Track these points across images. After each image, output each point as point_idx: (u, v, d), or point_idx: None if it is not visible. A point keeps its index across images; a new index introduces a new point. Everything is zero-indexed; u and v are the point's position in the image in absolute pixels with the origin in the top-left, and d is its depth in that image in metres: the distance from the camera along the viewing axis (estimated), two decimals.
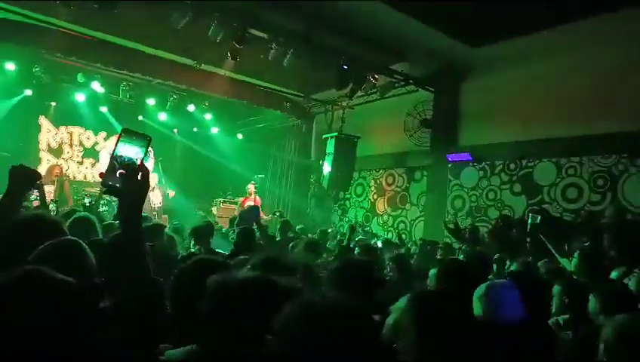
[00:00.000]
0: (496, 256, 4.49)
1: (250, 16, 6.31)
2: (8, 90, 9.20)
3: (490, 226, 7.37)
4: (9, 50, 7.72)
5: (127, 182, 1.33)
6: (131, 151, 1.34)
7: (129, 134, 1.36)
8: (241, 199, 10.16)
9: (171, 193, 11.14)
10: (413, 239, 8.72)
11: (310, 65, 7.74)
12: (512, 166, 7.61)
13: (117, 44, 7.60)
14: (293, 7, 6.32)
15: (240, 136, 12.22)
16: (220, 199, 11.15)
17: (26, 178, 2.21)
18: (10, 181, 2.10)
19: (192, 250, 4.25)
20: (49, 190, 7.48)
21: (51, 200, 6.29)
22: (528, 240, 5.22)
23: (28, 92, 9.40)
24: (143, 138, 1.37)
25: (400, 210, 9.44)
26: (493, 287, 2.29)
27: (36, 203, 5.01)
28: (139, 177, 1.36)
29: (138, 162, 1.34)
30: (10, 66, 8.23)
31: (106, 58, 7.76)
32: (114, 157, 1.31)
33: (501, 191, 7.71)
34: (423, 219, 8.89)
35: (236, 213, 9.64)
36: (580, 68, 6.61)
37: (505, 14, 6.20)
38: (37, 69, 8.37)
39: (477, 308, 2.24)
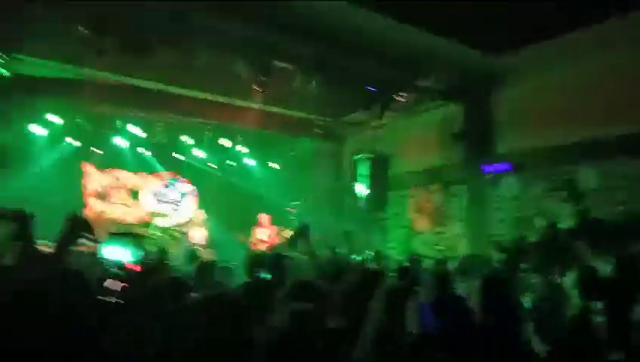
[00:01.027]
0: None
1: (272, 48, 6.47)
2: (54, 141, 9.75)
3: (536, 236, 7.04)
4: (52, 104, 8.24)
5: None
6: (119, 253, 1.37)
7: (115, 237, 1.39)
8: (253, 229, 10.22)
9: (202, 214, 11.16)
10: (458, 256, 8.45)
11: (336, 89, 7.83)
12: (552, 172, 7.30)
13: (150, 89, 7.96)
14: (312, 35, 6.41)
15: (275, 165, 12.39)
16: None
17: (81, 226, 2.30)
18: (66, 228, 2.16)
19: None
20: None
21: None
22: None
23: (71, 141, 9.93)
24: (129, 237, 1.40)
25: (441, 227, 9.20)
26: None
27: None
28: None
29: (126, 264, 1.37)
30: (54, 119, 8.76)
31: (141, 102, 8.14)
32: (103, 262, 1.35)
33: (544, 200, 7.39)
34: (466, 234, 8.62)
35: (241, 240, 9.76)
36: (610, 69, 6.36)
37: (526, 19, 6.07)
38: (79, 120, 8.86)
39: None
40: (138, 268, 2.32)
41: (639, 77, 6.14)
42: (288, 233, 10.19)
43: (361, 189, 9.07)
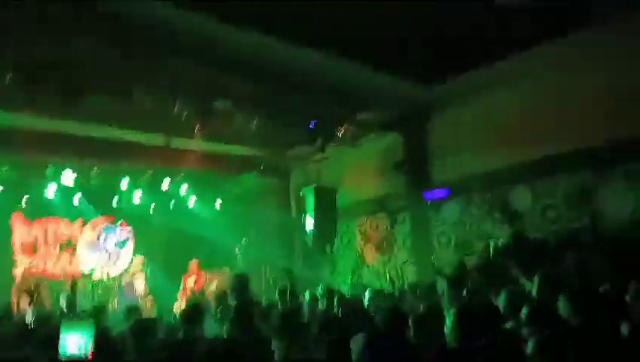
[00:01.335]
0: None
1: (211, 89, 6.46)
2: None
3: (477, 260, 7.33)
4: None
5: None
6: (76, 340, 1.29)
7: (70, 323, 1.32)
8: (183, 279, 9.97)
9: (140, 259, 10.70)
10: (406, 281, 8.58)
11: (278, 126, 7.91)
12: (489, 195, 7.71)
13: (83, 135, 7.63)
14: (250, 74, 6.48)
15: (218, 202, 12.13)
16: (208, 272, 10.88)
17: None
18: None
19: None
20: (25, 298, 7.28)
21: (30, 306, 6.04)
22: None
23: None
24: (86, 323, 1.34)
25: (389, 255, 9.35)
26: None
27: None
28: None
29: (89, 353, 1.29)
30: None
31: (75, 149, 7.77)
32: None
33: (483, 222, 7.75)
34: (412, 261, 8.81)
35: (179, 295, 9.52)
36: (540, 91, 6.91)
37: (456, 50, 6.49)
38: (4, 169, 8.28)
39: None
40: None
41: (566, 99, 6.71)
42: (214, 280, 9.98)
43: (309, 222, 9.07)
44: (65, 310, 6.30)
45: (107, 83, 5.85)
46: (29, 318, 5.26)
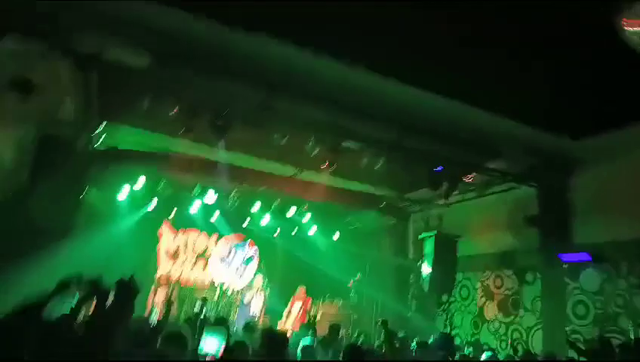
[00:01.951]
0: None
1: (343, 130, 6.75)
2: (137, 203, 10.58)
3: (621, 337, 6.34)
4: (138, 171, 9.12)
5: None
6: (214, 343, 1.54)
7: (210, 328, 1.57)
8: (292, 298, 10.19)
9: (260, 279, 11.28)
10: (532, 350, 7.75)
11: (403, 168, 7.90)
12: None
13: (227, 162, 8.55)
14: (383, 117, 6.63)
15: (336, 236, 12.42)
16: (319, 302, 11.11)
17: (130, 293, 2.54)
18: (117, 292, 2.41)
19: None
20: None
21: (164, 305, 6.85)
22: None
23: (153, 204, 10.71)
24: (223, 328, 1.57)
25: (513, 316, 8.56)
26: None
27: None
28: None
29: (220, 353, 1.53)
30: (140, 184, 9.64)
31: (220, 173, 8.73)
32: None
33: (631, 297, 6.70)
34: (540, 327, 7.94)
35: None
36: None
37: (609, 104, 5.90)
38: (161, 186, 9.64)
39: None
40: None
41: None
42: (321, 310, 10.06)
43: (427, 269, 8.76)
44: (194, 316, 6.98)
45: (251, 119, 6.50)
46: (156, 318, 5.97)
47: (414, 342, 6.13)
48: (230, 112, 6.09)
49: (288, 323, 10.17)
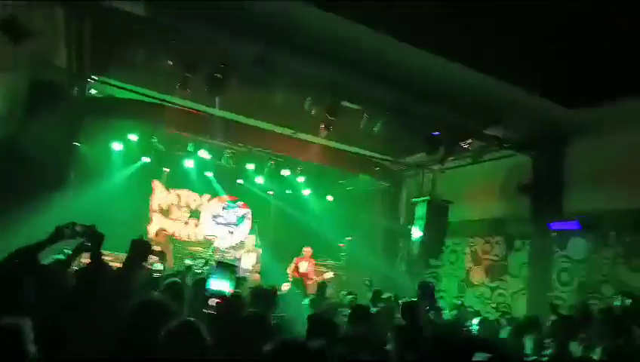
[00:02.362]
0: None
1: (343, 89, 6.64)
2: (130, 157, 10.46)
3: (602, 305, 6.53)
4: (132, 124, 8.94)
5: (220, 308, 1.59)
6: (222, 284, 1.59)
7: (220, 268, 1.60)
8: (295, 259, 10.18)
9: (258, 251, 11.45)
10: (515, 313, 7.99)
11: (400, 131, 7.86)
12: (628, 237, 6.82)
13: (223, 118, 8.40)
14: (384, 79, 6.52)
15: (330, 198, 12.48)
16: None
17: (144, 249, 2.70)
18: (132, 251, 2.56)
19: None
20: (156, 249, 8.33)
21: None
22: None
23: (146, 159, 10.59)
24: (231, 270, 1.60)
25: (498, 282, 8.78)
26: None
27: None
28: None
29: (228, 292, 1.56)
30: (132, 137, 9.47)
31: (213, 130, 8.60)
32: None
33: (615, 266, 6.88)
34: (524, 292, 8.17)
35: (289, 271, 9.74)
36: None
37: (609, 75, 5.85)
38: (154, 140, 9.49)
39: None
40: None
41: None
42: (327, 273, 10.10)
43: (417, 233, 8.88)
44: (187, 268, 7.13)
45: (248, 75, 6.35)
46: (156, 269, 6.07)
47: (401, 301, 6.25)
48: (227, 67, 5.94)
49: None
